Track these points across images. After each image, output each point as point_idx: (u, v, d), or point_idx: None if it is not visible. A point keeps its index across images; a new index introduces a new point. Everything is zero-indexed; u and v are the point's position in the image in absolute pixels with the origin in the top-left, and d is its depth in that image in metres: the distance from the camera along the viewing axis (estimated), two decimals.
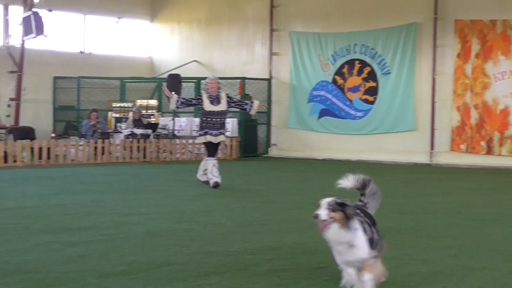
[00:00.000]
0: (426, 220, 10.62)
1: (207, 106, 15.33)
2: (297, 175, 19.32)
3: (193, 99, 15.71)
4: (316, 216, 6.05)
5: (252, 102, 16.12)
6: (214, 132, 15.41)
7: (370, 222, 6.21)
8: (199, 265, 7.11)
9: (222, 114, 15.59)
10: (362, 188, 6.69)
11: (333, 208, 6.07)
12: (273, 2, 27.62)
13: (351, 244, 5.86)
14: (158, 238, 8.70)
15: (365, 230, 5.99)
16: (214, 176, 15.19)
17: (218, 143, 15.68)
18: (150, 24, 31.89)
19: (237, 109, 16.90)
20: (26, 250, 7.93)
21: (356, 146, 25.32)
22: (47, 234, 8.93)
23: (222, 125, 15.62)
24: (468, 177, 19.09)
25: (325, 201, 6.18)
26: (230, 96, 16.03)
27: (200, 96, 15.63)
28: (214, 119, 15.39)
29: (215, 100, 15.42)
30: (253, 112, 16.04)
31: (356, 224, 5.95)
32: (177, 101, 15.36)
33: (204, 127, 15.41)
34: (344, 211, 6.01)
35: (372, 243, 5.97)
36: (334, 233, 5.95)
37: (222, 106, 15.47)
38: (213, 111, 15.35)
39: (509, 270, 7.16)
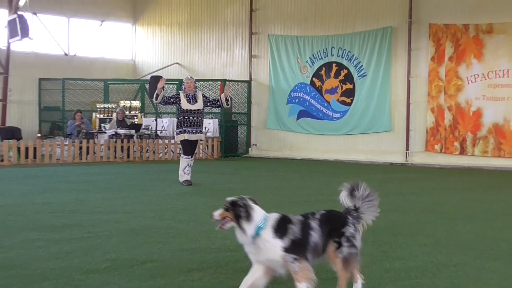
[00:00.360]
0: (401, 218, 10.64)
1: (184, 104, 15.40)
2: (276, 174, 19.31)
3: (171, 97, 15.67)
4: (212, 216, 5.86)
5: (220, 98, 16.10)
6: (191, 130, 15.46)
7: (323, 225, 5.86)
8: (181, 262, 7.11)
9: (199, 113, 15.64)
10: (351, 192, 6.35)
11: (227, 207, 5.84)
12: (252, 5, 27.64)
13: (256, 244, 5.60)
14: (141, 235, 8.70)
15: (288, 232, 5.64)
16: (185, 174, 15.41)
17: (196, 142, 15.74)
18: (133, 27, 31.86)
19: (214, 107, 16.89)
20: (12, 247, 7.90)
21: (334, 146, 25.37)
22: (32, 232, 8.89)
23: (200, 124, 15.63)
24: (442, 176, 19.16)
25: (226, 200, 5.89)
26: (205, 95, 16.06)
27: (178, 95, 15.65)
28: (191, 118, 15.46)
29: (192, 99, 15.50)
30: (224, 104, 16.00)
31: (254, 223, 5.63)
32: (162, 97, 15.37)
33: (182, 125, 15.45)
34: (235, 211, 5.76)
35: (297, 245, 5.60)
36: (237, 232, 5.72)
37: (199, 105, 15.54)
38: (190, 110, 15.43)
39: (482, 267, 7.19)
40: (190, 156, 15.53)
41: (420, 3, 23.42)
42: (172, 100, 15.61)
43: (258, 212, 5.75)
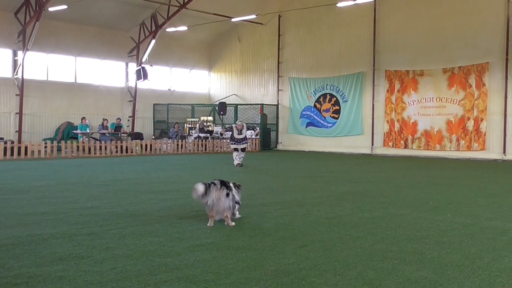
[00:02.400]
0: (369, 186, 10.57)
1: (236, 134, 15.59)
2: (293, 160, 19.29)
3: (229, 128, 15.87)
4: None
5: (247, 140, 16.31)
6: (238, 144, 15.75)
7: (236, 194, 6.53)
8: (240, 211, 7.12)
9: (244, 139, 15.86)
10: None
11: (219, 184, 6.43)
12: (279, 59, 27.56)
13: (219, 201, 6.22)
14: None
15: (232, 196, 6.36)
16: (236, 159, 15.56)
17: (244, 147, 15.92)
18: (208, 73, 31.94)
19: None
20: (138, 202, 7.98)
21: (328, 143, 25.24)
22: (149, 194, 8.97)
23: (243, 140, 15.82)
24: (393, 161, 18.97)
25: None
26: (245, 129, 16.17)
27: (232, 128, 15.83)
28: (237, 139, 15.61)
29: (240, 131, 15.60)
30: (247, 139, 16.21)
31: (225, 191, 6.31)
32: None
33: (233, 142, 15.74)
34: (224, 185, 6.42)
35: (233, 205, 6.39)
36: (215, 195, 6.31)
37: (243, 135, 15.75)
38: (238, 138, 15.60)
39: (417, 216, 7.11)
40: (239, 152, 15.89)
41: (380, 57, 23.16)
42: (230, 130, 15.82)
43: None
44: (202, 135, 24.21)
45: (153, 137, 25.76)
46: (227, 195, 6.30)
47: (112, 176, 12.17)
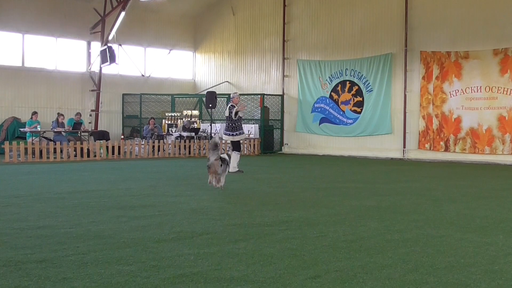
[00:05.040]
0: (399, 200, 10.58)
1: (239, 113, 15.73)
2: (303, 167, 19.31)
3: (233, 107, 15.79)
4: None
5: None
6: (240, 132, 15.99)
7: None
8: (230, 234, 7.13)
9: (242, 120, 16.16)
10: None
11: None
12: (284, 37, 27.61)
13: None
14: (199, 213, 8.73)
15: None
16: (237, 166, 15.73)
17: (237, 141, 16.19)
18: (193, 54, 31.99)
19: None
20: (103, 221, 7.99)
21: (347, 145, 25.29)
22: (117, 210, 8.98)
23: (242, 127, 16.07)
24: (431, 168, 19.00)
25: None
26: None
27: (233, 106, 15.80)
28: (239, 123, 15.79)
29: (237, 109, 15.81)
30: (232, 115, 15.98)
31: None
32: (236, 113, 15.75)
33: (239, 128, 15.83)
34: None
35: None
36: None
37: (242, 113, 16.01)
38: (241, 117, 15.79)
39: (461, 238, 7.12)
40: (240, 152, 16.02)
41: (413, 35, 23.23)
42: (234, 110, 15.80)
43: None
44: (185, 134, 24.24)
45: (122, 137, 25.78)
46: (221, 165, 11.42)
47: (70, 187, 12.16)
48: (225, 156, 12.22)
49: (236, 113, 15.74)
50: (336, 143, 25.75)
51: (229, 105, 15.99)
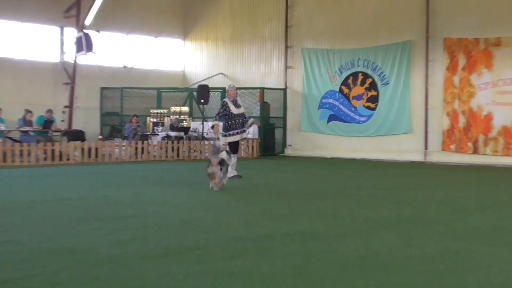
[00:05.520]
0: (420, 209, 10.56)
1: (234, 110, 15.68)
2: (309, 171, 19.30)
3: (223, 111, 15.74)
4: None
5: (248, 118, 16.28)
6: (240, 130, 15.89)
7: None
8: (224, 249, 7.10)
9: (244, 116, 16.06)
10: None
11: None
12: (287, 22, 27.62)
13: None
14: (189, 225, 8.70)
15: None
16: (234, 170, 15.65)
17: (239, 141, 16.03)
18: (183, 42, 31.99)
19: None
20: (78, 234, 7.96)
21: (360, 146, 25.27)
22: (95, 221, 8.95)
23: (243, 125, 15.86)
24: (456, 173, 18.99)
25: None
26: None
27: (225, 103, 15.73)
28: (238, 120, 15.73)
29: (236, 104, 15.76)
30: (245, 126, 16.07)
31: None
32: (219, 126, 15.71)
33: (233, 128, 15.73)
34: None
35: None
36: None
37: (243, 109, 15.93)
38: (238, 114, 15.73)
39: (493, 254, 7.08)
40: (237, 154, 16.01)
41: (436, 20, 23.22)
42: (225, 111, 15.72)
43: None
44: (173, 134, 24.21)
45: (100, 137, 25.74)
46: (221, 169, 12.75)
47: (40, 195, 12.13)
48: (223, 155, 12.88)
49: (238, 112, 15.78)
50: (347, 144, 25.73)
51: (223, 100, 15.96)
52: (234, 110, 15.71)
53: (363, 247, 7.35)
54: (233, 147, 15.82)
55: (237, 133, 15.82)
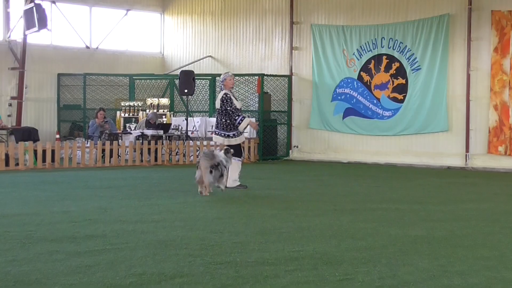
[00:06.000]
0: (460, 228, 10.55)
1: (237, 104, 15.75)
2: (320, 179, 19.28)
3: (228, 107, 15.73)
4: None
5: (244, 117, 16.23)
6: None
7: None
8: (214, 277, 7.09)
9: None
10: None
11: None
12: None
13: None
14: (170, 247, 8.70)
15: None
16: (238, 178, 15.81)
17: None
18: (161, 17, 31.98)
19: None
20: (29, 260, 7.93)
21: (384, 148, 25.29)
22: (50, 243, 8.93)
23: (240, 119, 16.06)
24: (507, 181, 18.98)
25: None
26: None
27: (228, 96, 15.72)
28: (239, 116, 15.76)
29: (234, 96, 15.85)
30: (240, 128, 16.05)
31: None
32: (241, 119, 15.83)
33: (235, 127, 15.76)
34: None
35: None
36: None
37: (241, 103, 15.98)
38: (240, 109, 15.83)
39: None
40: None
41: None
42: (231, 107, 15.76)
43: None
44: (149, 132, 24.18)
45: (58, 136, 25.72)
46: (210, 172, 13.92)
47: None
48: (220, 157, 14.02)
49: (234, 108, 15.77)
50: (368, 145, 25.76)
51: (222, 93, 15.85)
52: (238, 104, 15.81)
53: (389, 274, 7.36)
54: (238, 150, 15.84)
55: (239, 134, 15.85)
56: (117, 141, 23.63)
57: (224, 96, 15.76)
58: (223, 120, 15.77)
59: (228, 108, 15.64)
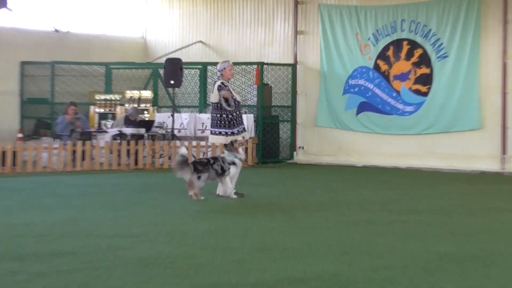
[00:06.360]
0: (494, 244, 10.55)
1: (237, 96, 15.91)
2: (330, 186, 19.31)
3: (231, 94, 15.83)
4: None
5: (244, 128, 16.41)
6: (243, 127, 16.16)
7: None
8: None
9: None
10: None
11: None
12: None
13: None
14: (153, 266, 8.68)
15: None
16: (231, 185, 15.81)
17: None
18: None
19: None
20: None
21: (405, 149, 25.32)
22: (11, 262, 8.91)
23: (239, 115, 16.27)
24: None
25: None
26: None
27: (227, 86, 15.73)
28: (239, 112, 15.86)
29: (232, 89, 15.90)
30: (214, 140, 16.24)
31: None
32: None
33: (240, 123, 15.89)
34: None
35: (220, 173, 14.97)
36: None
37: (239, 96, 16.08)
38: (239, 102, 15.90)
39: None
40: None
41: None
42: (235, 97, 15.84)
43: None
44: (129, 131, 24.18)
45: (21, 135, 25.73)
46: (199, 178, 14.66)
47: None
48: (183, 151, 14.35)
49: (227, 99, 15.71)
50: (386, 145, 25.79)
51: (217, 83, 15.86)
52: (237, 96, 15.86)
53: None
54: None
55: (243, 129, 15.92)
56: (91, 141, 23.63)
57: (221, 84, 15.76)
58: (219, 115, 15.76)
59: (221, 102, 15.65)
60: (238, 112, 15.86)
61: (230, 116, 15.70)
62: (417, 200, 16.30)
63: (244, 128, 16.00)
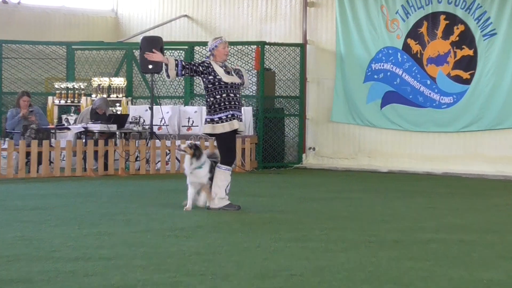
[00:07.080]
0: None
1: (225, 77, 15.58)
2: (347, 196, 19.35)
3: (200, 65, 15.72)
4: (178, 146, 17.36)
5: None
6: (240, 114, 15.98)
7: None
8: None
9: (239, 89, 16.27)
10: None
11: (190, 146, 15.85)
12: None
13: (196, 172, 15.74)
14: None
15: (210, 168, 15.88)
16: (227, 194, 15.89)
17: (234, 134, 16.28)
18: None
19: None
20: None
21: (442, 150, 25.37)
22: None
23: (240, 105, 16.20)
24: None
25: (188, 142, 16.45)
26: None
27: (209, 63, 15.67)
28: (237, 96, 15.72)
29: (226, 69, 15.74)
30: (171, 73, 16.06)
31: (202, 161, 15.88)
32: (177, 65, 15.54)
33: (228, 108, 15.72)
34: (195, 150, 15.83)
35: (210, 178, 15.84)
36: (185, 161, 15.97)
37: (237, 78, 15.82)
38: (234, 84, 15.68)
39: None
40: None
41: None
42: (201, 69, 15.70)
43: (204, 156, 15.93)
44: (96, 127, 24.19)
45: None
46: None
47: None
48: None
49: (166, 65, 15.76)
50: (418, 146, 25.86)
51: (205, 62, 15.88)
52: (225, 77, 15.64)
53: None
54: (227, 150, 15.80)
55: (235, 117, 15.77)
56: (49, 141, 23.64)
57: (203, 62, 15.79)
58: (208, 99, 15.78)
59: (199, 69, 15.66)
60: (228, 95, 15.71)
61: (211, 99, 15.68)
62: (458, 214, 16.32)
63: (234, 115, 15.68)
